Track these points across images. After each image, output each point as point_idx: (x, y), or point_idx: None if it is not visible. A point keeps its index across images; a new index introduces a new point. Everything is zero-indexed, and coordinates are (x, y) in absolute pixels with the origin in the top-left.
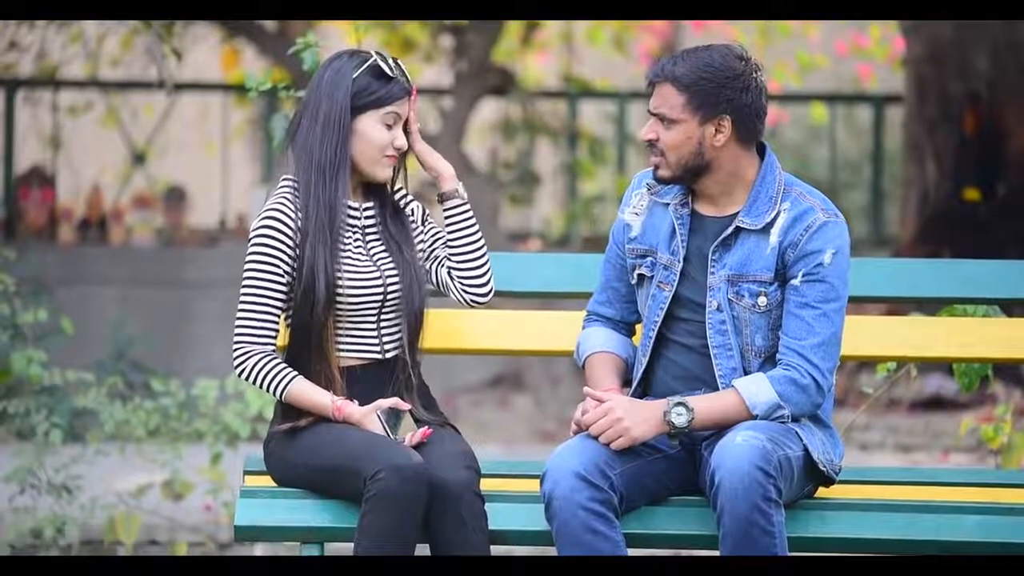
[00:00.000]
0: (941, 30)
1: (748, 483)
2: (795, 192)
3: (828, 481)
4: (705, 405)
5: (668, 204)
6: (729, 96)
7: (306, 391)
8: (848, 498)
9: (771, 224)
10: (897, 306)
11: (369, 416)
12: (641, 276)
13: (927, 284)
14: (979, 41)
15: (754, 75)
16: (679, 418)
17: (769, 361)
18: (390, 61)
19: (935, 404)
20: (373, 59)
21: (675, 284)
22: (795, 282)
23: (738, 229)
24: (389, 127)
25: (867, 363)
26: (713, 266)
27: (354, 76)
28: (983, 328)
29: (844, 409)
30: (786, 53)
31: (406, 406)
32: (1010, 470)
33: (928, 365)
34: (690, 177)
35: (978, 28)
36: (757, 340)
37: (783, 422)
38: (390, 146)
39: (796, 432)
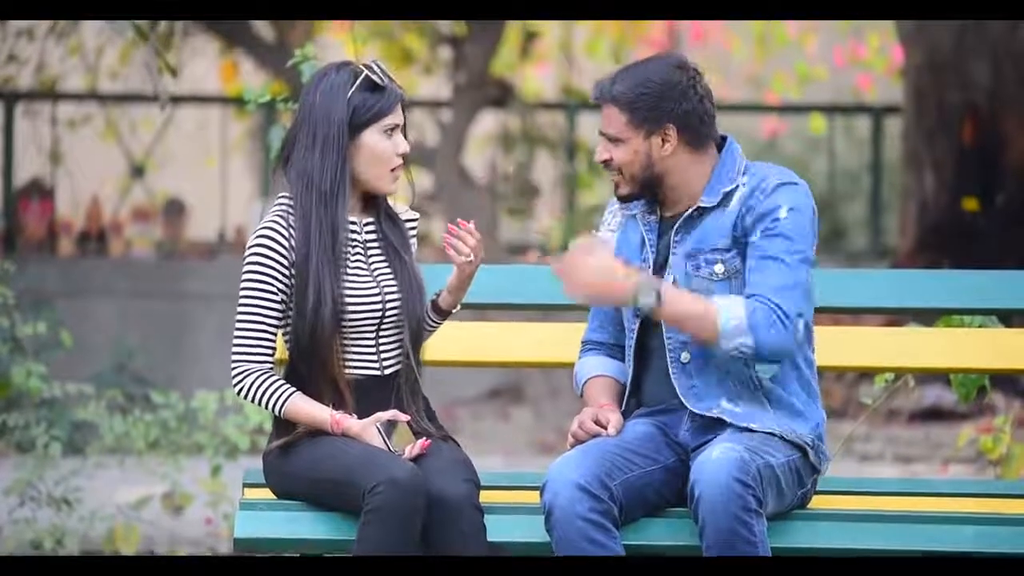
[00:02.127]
0: (940, 40)
1: (727, 495)
2: (755, 168)
3: (811, 465)
4: (676, 296)
5: (636, 215)
6: (669, 108)
7: (304, 407)
8: (844, 509)
9: (730, 196)
10: (897, 317)
11: (368, 429)
12: None
13: (926, 294)
14: (978, 51)
15: (693, 82)
16: (646, 299)
17: None
18: (378, 70)
19: (934, 415)
20: (364, 73)
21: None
22: (754, 239)
23: (700, 209)
24: (389, 136)
25: (866, 374)
26: (675, 247)
27: (348, 95)
28: (981, 338)
29: (843, 420)
30: (784, 64)
31: (404, 417)
32: (1009, 480)
33: (927, 376)
34: (648, 189)
35: (977, 38)
36: None
37: (743, 354)
38: (393, 156)
39: (770, 435)
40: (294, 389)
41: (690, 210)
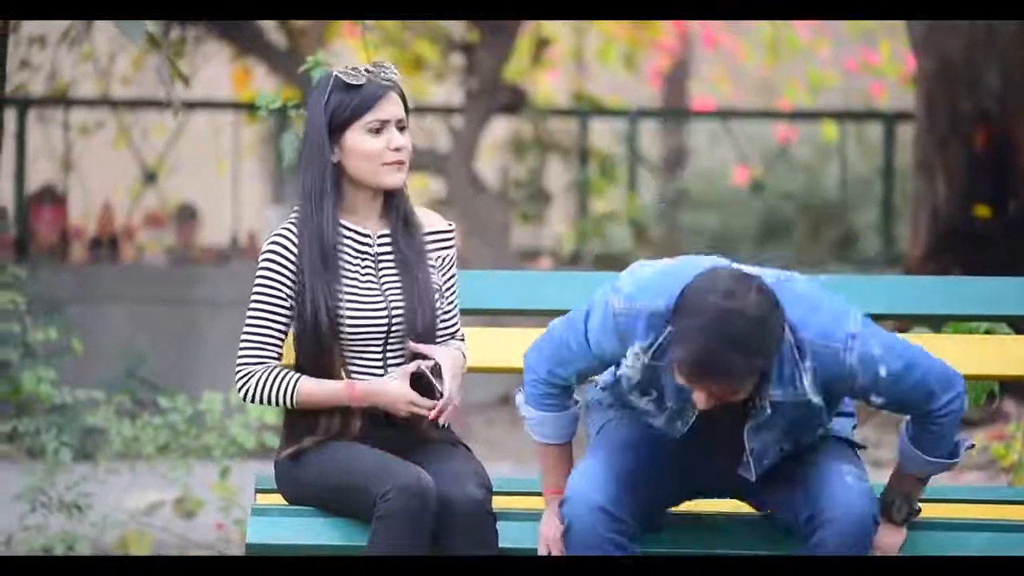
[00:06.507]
0: (951, 47)
1: (863, 532)
2: (807, 344)
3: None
4: (910, 492)
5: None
6: (771, 348)
7: (316, 387)
8: None
9: (802, 383)
10: (907, 323)
11: (400, 384)
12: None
13: (937, 301)
14: (989, 58)
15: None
16: (900, 514)
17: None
18: (351, 71)
19: None
20: (334, 74)
21: (691, 421)
22: (877, 400)
23: (775, 404)
24: (377, 132)
25: None
26: (750, 436)
27: (325, 100)
28: (992, 345)
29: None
30: (796, 70)
31: (429, 363)
32: (1021, 487)
33: None
34: None
35: (988, 45)
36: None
37: (969, 448)
38: (385, 151)
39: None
40: (299, 374)
41: (763, 405)
